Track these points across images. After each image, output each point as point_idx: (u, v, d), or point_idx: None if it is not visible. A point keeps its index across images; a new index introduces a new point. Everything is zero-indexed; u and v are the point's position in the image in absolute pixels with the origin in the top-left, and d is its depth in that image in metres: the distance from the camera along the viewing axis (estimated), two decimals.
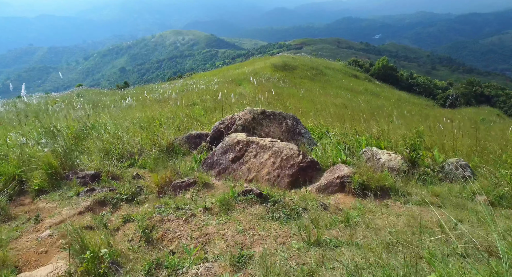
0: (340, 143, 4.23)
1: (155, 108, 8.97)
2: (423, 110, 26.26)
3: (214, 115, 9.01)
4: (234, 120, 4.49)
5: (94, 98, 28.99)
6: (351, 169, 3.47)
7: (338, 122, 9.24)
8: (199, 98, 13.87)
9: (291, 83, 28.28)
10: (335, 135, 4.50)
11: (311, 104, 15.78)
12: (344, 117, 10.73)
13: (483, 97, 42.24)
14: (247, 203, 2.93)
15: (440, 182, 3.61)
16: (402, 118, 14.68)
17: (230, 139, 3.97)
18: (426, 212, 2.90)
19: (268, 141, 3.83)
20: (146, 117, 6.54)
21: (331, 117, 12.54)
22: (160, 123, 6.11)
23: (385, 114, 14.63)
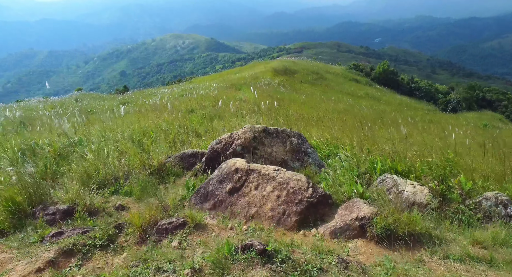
0: (353, 167, 3.69)
1: (151, 117, 8.48)
2: (425, 116, 25.84)
3: (212, 124, 8.53)
4: (233, 139, 3.97)
5: (93, 102, 28.56)
6: (372, 208, 2.93)
7: (344, 134, 8.74)
8: (198, 105, 13.40)
9: (292, 88, 27.84)
10: (346, 156, 3.94)
11: (313, 110, 15.32)
12: (350, 128, 10.25)
13: (484, 101, 41.85)
14: (247, 263, 2.31)
15: (480, 223, 3.05)
16: (406, 125, 14.20)
17: (227, 166, 3.48)
18: (474, 274, 2.36)
19: (272, 170, 3.34)
20: (140, 128, 6.04)
21: (334, 125, 12.06)
22: (155, 136, 5.63)
23: (390, 121, 14.15)
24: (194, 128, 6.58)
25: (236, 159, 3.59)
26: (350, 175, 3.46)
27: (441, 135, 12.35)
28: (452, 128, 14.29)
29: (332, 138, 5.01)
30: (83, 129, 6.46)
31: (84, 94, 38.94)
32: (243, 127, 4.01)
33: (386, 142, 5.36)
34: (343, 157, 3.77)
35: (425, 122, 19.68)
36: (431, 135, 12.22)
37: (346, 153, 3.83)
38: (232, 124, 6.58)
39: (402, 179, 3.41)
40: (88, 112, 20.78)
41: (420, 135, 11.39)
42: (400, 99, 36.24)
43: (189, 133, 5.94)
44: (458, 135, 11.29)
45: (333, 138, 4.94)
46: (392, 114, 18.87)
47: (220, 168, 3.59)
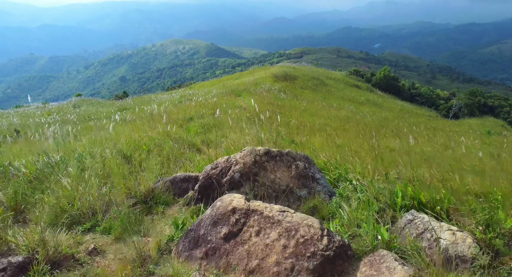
0: (370, 201, 3.13)
1: (146, 128, 8.16)
2: (428, 122, 25.54)
3: (211, 135, 8.21)
4: (230, 164, 3.44)
5: (91, 109, 28.31)
6: (407, 270, 2.30)
7: (351, 149, 8.42)
8: (196, 113, 13.11)
9: (292, 94, 27.58)
10: (360, 185, 3.42)
11: (315, 118, 15.01)
12: (354, 138, 9.91)
13: (486, 107, 41.62)
14: None
15: None
16: (410, 133, 13.88)
17: (222, 204, 2.91)
18: None
19: (277, 211, 2.77)
20: (132, 141, 5.69)
21: (338, 134, 11.74)
22: (148, 149, 5.28)
23: (394, 130, 13.82)
24: (190, 141, 6.25)
25: (233, 196, 3.03)
26: (368, 210, 2.99)
27: (448, 143, 12.04)
28: (458, 136, 13.98)
29: (341, 159, 4.41)
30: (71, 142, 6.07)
31: (83, 100, 38.72)
32: (242, 150, 3.52)
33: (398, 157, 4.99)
34: (357, 186, 3.31)
35: (429, 129, 19.37)
36: (436, 144, 11.90)
37: (359, 179, 3.36)
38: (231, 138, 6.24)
39: (435, 221, 2.75)
40: (86, 119, 20.51)
41: (427, 144, 11.07)
42: (401, 105, 36.01)
43: (185, 148, 5.60)
44: (466, 145, 10.97)
45: (342, 158, 4.37)
46: (396, 122, 18.56)
47: (213, 206, 3.03)
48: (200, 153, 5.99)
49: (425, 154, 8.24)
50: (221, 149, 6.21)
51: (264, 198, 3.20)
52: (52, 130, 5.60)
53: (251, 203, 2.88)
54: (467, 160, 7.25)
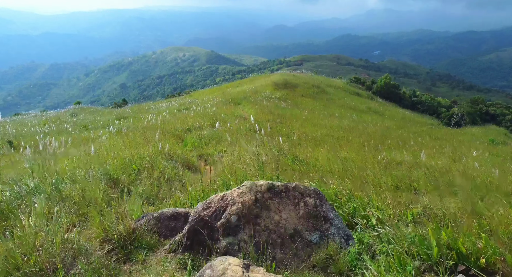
0: (402, 258, 2.50)
1: (140, 143, 7.72)
2: (431, 131, 25.14)
3: (208, 149, 7.79)
4: (226, 204, 2.80)
5: (89, 117, 27.96)
6: None
7: (364, 174, 8.00)
8: (195, 123, 12.71)
9: (293, 102, 27.27)
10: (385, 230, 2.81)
11: (316, 128, 14.61)
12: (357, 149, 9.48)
13: (488, 115, 41.28)
14: None
15: None
16: (415, 143, 13.46)
17: (213, 273, 2.24)
18: None
19: None
20: (122, 159, 5.23)
21: (341, 145, 11.32)
22: (139, 169, 4.83)
23: (400, 141, 13.40)
24: (186, 158, 5.82)
25: (227, 262, 2.35)
26: (401, 272, 2.38)
27: (455, 155, 11.61)
28: (464, 147, 13.56)
29: (354, 188, 3.77)
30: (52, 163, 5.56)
31: (82, 108, 38.39)
32: (240, 186, 2.90)
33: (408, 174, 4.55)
34: (381, 233, 2.72)
35: (433, 139, 18.96)
36: (443, 155, 11.47)
37: (379, 218, 2.83)
38: (228, 156, 5.80)
39: None
40: (82, 129, 20.12)
41: (435, 156, 10.63)
42: (403, 113, 35.69)
43: (179, 167, 5.16)
44: (476, 158, 10.54)
45: (355, 187, 3.78)
46: (399, 132, 18.15)
47: (202, 275, 2.34)
48: (196, 171, 5.57)
49: (437, 169, 7.80)
50: (221, 164, 5.79)
51: (267, 246, 2.66)
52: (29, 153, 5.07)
53: (250, 274, 2.23)
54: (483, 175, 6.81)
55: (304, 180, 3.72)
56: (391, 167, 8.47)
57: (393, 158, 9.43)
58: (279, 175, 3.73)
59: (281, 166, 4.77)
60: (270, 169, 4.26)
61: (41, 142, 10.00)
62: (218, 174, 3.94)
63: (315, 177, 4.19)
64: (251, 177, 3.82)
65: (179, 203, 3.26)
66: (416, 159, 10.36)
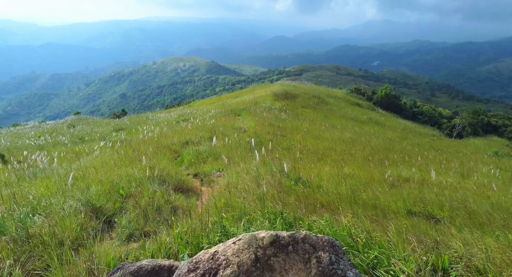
0: None
1: (134, 157, 7.29)
2: (433, 143, 24.78)
3: (205, 166, 7.35)
4: (218, 266, 2.10)
5: (86, 128, 27.56)
6: None
7: (364, 181, 7.57)
8: (193, 136, 12.30)
9: (293, 113, 26.90)
10: None
11: (318, 141, 14.19)
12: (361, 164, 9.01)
13: (489, 126, 40.97)
14: None
15: None
16: (422, 159, 13.03)
17: None
18: None
19: None
20: (109, 182, 4.76)
21: (344, 159, 10.88)
22: (126, 195, 4.36)
23: (404, 155, 12.98)
24: (180, 179, 5.37)
25: None
26: None
27: (462, 170, 11.16)
28: (470, 161, 13.14)
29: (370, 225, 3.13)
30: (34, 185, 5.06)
31: (80, 118, 38.04)
32: (236, 240, 2.23)
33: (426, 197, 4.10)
34: None
35: (435, 150, 18.55)
36: (451, 170, 11.03)
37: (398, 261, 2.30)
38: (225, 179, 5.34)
39: None
40: (79, 140, 19.70)
41: (443, 173, 10.19)
42: (404, 124, 35.37)
43: (171, 192, 4.69)
44: (486, 174, 10.11)
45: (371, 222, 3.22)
46: (403, 144, 17.72)
47: None
48: (191, 193, 5.12)
49: (447, 187, 7.36)
50: (218, 186, 5.35)
51: None
52: None
53: None
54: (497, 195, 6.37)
55: (313, 216, 3.27)
56: (399, 185, 8.03)
57: (399, 175, 8.99)
58: (283, 209, 3.28)
59: (283, 190, 4.34)
60: (271, 197, 3.79)
61: (29, 158, 9.57)
62: (211, 212, 3.42)
63: (322, 208, 3.74)
64: (250, 212, 3.37)
65: (164, 248, 2.78)
66: (423, 174, 9.93)
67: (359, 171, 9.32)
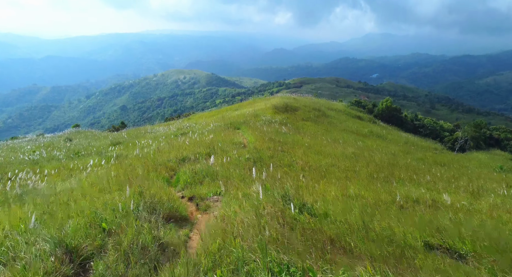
0: None
1: (126, 178, 6.81)
2: (436, 157, 24.28)
3: (202, 188, 6.87)
4: None
5: (83, 142, 27.10)
6: None
7: (372, 202, 7.09)
8: (192, 152, 11.84)
9: (294, 126, 26.52)
10: None
11: (320, 157, 13.73)
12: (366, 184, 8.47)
13: (492, 140, 40.59)
14: None
15: None
16: (429, 175, 12.54)
17: None
18: None
19: None
20: (92, 213, 4.24)
21: (349, 177, 10.40)
22: (109, 230, 3.84)
23: (410, 172, 12.50)
24: (172, 206, 4.89)
25: None
26: None
27: (472, 188, 10.67)
28: (479, 179, 12.63)
29: None
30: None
31: (78, 131, 37.65)
32: None
33: None
34: None
35: (441, 165, 18.06)
36: (460, 189, 10.53)
37: None
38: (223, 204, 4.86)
39: None
40: (74, 155, 19.22)
41: (452, 192, 9.70)
42: (406, 138, 34.98)
43: (159, 227, 4.18)
44: (496, 192, 9.61)
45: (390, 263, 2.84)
46: (407, 160, 17.24)
47: None
48: (184, 223, 4.64)
49: (460, 210, 6.86)
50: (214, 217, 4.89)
51: None
52: None
53: None
54: None
55: (325, 267, 2.79)
56: (408, 207, 7.54)
57: (408, 195, 8.51)
58: (289, 261, 2.80)
59: (287, 223, 3.86)
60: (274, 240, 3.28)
61: (18, 176, 9.09)
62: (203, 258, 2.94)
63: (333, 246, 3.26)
64: (250, 261, 2.88)
65: None
66: (432, 194, 9.43)
67: (365, 191, 8.83)
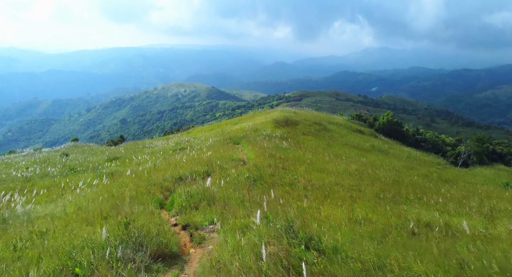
0: None
1: (113, 203, 6.27)
2: (441, 173, 23.69)
3: (197, 213, 6.32)
4: None
5: (80, 157, 26.57)
6: None
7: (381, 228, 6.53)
8: (189, 170, 11.31)
9: (294, 141, 26.01)
10: None
11: (323, 175, 13.19)
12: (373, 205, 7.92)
13: (495, 155, 40.06)
14: None
15: None
16: (437, 194, 11.98)
17: None
18: None
19: None
20: (66, 253, 3.67)
21: (353, 197, 9.86)
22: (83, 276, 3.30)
23: (418, 191, 11.94)
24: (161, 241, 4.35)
25: None
26: None
27: (485, 209, 10.10)
28: (494, 200, 12.04)
29: None
30: None
31: (76, 146, 37.20)
32: None
33: None
34: None
35: (447, 182, 17.50)
36: (471, 209, 9.96)
37: None
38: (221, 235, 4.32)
39: None
40: (70, 171, 18.67)
41: (464, 214, 9.14)
42: (408, 152, 34.48)
43: (143, 267, 3.64)
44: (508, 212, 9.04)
45: None
46: (413, 177, 16.68)
47: None
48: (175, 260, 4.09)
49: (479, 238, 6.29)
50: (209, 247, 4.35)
51: None
52: None
53: None
54: None
55: None
56: (421, 233, 6.97)
57: (419, 218, 7.95)
58: None
59: (292, 264, 3.34)
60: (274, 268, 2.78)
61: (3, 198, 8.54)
62: None
63: None
64: None
65: None
66: (444, 217, 8.86)
67: (373, 213, 8.29)
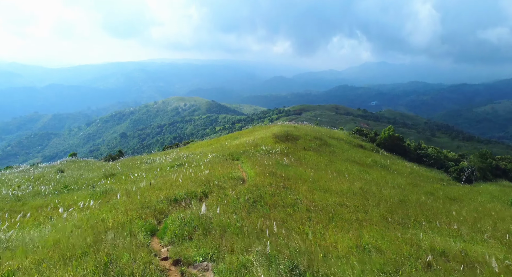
0: None
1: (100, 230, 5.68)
2: (445, 190, 23.03)
3: (191, 245, 5.72)
4: None
5: (76, 174, 25.89)
6: None
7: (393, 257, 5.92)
8: (184, 191, 10.73)
9: (295, 157, 25.45)
10: None
11: (326, 194, 12.58)
12: None
13: (499, 170, 39.39)
14: None
15: None
16: (450, 217, 11.37)
17: None
18: None
19: None
20: None
21: (359, 219, 9.25)
22: None
23: (426, 212, 11.32)
24: None
25: None
26: None
27: (500, 233, 9.48)
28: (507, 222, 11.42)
29: None
30: None
31: (73, 161, 36.50)
32: None
33: None
34: None
35: (453, 200, 16.88)
36: (485, 233, 9.33)
37: None
38: None
39: None
40: (63, 189, 18.04)
41: (482, 243, 8.52)
42: (410, 168, 33.85)
43: None
44: None
45: None
46: (419, 196, 16.04)
47: None
48: None
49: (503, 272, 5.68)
50: None
51: None
52: None
53: None
54: None
55: None
56: (437, 264, 6.35)
57: (433, 246, 7.33)
58: None
59: None
60: None
61: None
62: None
63: None
64: None
65: None
66: (460, 243, 8.25)
67: (382, 240, 7.67)
